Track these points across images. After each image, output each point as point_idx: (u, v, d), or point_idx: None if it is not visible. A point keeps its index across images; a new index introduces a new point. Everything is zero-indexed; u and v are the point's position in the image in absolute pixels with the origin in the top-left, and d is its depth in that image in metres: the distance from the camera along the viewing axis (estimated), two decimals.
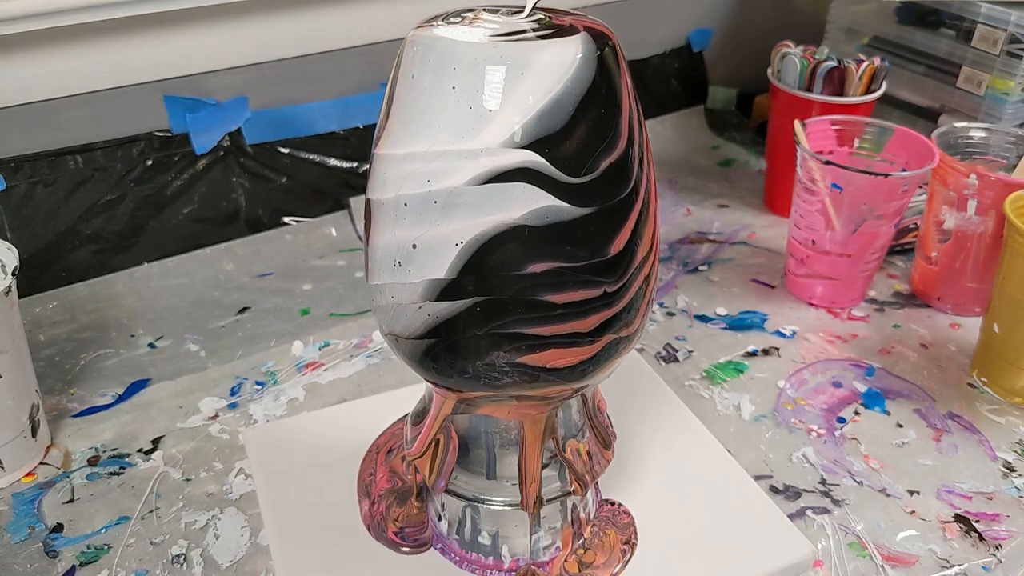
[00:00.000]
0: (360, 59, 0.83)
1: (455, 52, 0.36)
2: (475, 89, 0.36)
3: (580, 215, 0.37)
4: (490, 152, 0.36)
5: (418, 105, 0.37)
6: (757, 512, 0.52)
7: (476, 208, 0.36)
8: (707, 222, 0.87)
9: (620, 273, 0.39)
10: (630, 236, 0.39)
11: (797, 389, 0.64)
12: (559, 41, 0.36)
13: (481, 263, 0.37)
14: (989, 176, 0.66)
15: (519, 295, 0.38)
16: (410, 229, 0.38)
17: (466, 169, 0.36)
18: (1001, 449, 0.59)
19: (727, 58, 1.09)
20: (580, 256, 0.38)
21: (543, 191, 0.36)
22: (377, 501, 0.52)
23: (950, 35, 0.86)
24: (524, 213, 0.36)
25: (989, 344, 0.63)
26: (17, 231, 0.71)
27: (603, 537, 0.50)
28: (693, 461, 0.56)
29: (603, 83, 0.37)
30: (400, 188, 0.38)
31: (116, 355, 0.67)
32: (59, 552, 0.50)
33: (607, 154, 0.37)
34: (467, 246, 0.37)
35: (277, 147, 0.81)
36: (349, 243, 0.83)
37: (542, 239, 0.37)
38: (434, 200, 0.37)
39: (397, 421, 0.58)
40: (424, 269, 0.38)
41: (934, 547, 0.52)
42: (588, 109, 0.36)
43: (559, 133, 0.36)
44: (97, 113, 0.73)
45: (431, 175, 0.37)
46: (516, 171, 0.36)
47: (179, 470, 0.56)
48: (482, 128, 0.36)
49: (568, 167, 0.36)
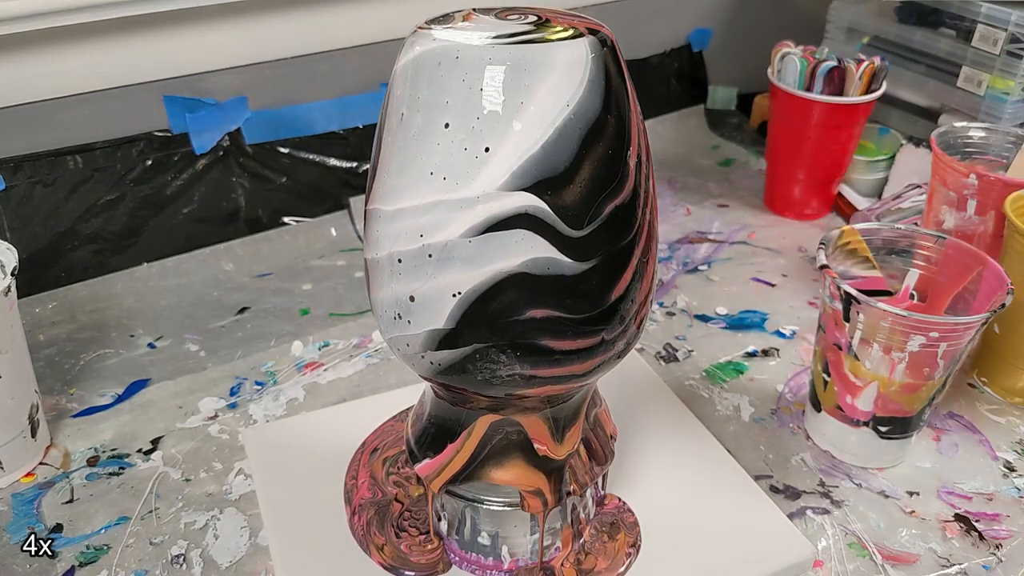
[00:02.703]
0: (360, 59, 0.83)
1: (447, 85, 0.34)
2: (470, 126, 0.34)
3: (582, 270, 0.36)
4: (487, 199, 0.34)
5: (408, 151, 0.35)
6: (757, 512, 0.52)
7: (473, 260, 0.35)
8: (707, 222, 0.87)
9: (620, 318, 0.39)
10: (631, 279, 0.38)
11: (796, 393, 0.64)
12: (562, 64, 0.34)
13: (480, 311, 0.36)
14: (989, 176, 0.65)
15: (518, 339, 0.37)
16: (407, 283, 0.37)
17: (462, 220, 0.35)
18: (1001, 449, 0.59)
19: (727, 58, 1.09)
20: (580, 308, 0.37)
21: (544, 239, 0.35)
22: (358, 512, 0.51)
23: (950, 35, 0.86)
24: (524, 261, 0.35)
25: (989, 344, 0.63)
26: (17, 231, 0.71)
27: (606, 542, 0.49)
28: (693, 461, 0.56)
29: (610, 110, 0.35)
30: (393, 245, 0.37)
31: (116, 355, 0.67)
32: (58, 552, 0.50)
33: (612, 198, 0.36)
34: (465, 297, 0.36)
35: (277, 147, 0.81)
36: (349, 243, 0.83)
37: (542, 287, 0.36)
38: (429, 254, 0.36)
39: (388, 420, 0.58)
40: (423, 320, 0.38)
41: (934, 546, 0.52)
42: (594, 145, 0.35)
43: (562, 176, 0.34)
44: (97, 113, 0.73)
45: (424, 229, 0.36)
46: (515, 217, 0.34)
47: (179, 470, 0.56)
48: (479, 171, 0.34)
49: (571, 216, 0.35)
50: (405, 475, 0.53)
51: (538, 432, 0.43)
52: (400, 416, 0.58)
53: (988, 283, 0.54)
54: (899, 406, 0.54)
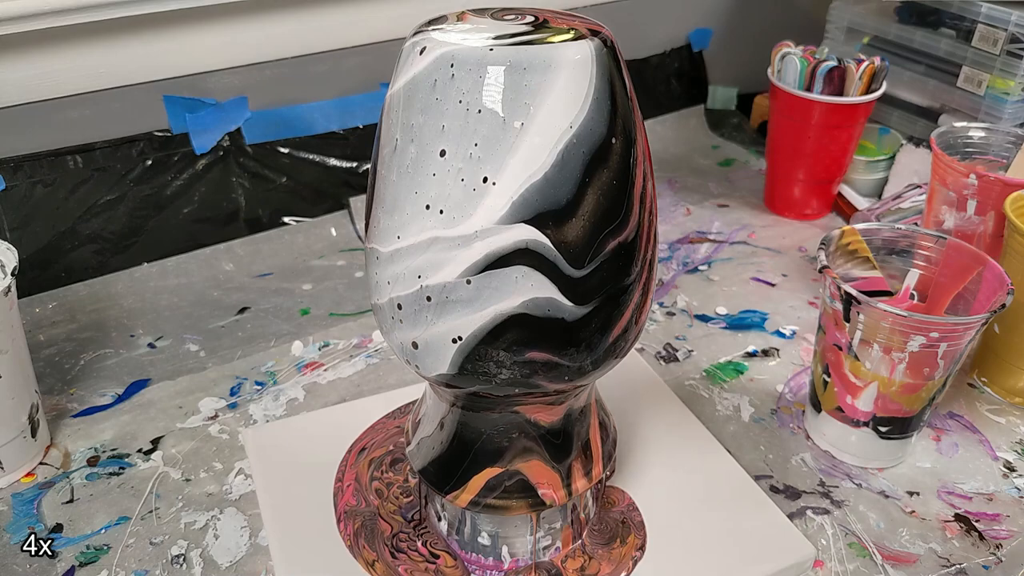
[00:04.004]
0: (360, 59, 0.83)
1: (443, 109, 0.33)
2: (467, 152, 0.32)
3: (581, 315, 0.36)
4: (485, 234, 0.33)
5: (402, 185, 0.34)
6: (757, 512, 0.52)
7: (472, 302, 0.35)
8: (707, 222, 0.87)
9: (616, 355, 0.39)
10: (629, 318, 0.38)
11: (796, 394, 0.64)
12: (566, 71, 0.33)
13: (480, 355, 0.36)
14: (988, 176, 0.65)
15: (516, 378, 0.38)
16: (409, 330, 0.37)
17: (460, 259, 0.34)
18: (1001, 449, 0.59)
19: (727, 58, 1.09)
20: (578, 355, 0.37)
21: (544, 277, 0.34)
22: (343, 519, 0.50)
23: (950, 35, 0.86)
24: (524, 301, 0.34)
25: (989, 344, 0.63)
26: (17, 231, 0.71)
27: (612, 547, 0.49)
28: (693, 461, 0.56)
29: (615, 130, 0.34)
30: (393, 290, 0.37)
31: (116, 355, 0.67)
32: (58, 552, 0.50)
33: (616, 235, 0.35)
34: (466, 343, 0.36)
35: (277, 147, 0.81)
36: (349, 243, 0.83)
37: (541, 330, 0.35)
38: (427, 297, 0.35)
39: (380, 418, 0.58)
40: (429, 366, 0.38)
41: (934, 546, 0.52)
42: (599, 171, 0.33)
43: (565, 208, 0.33)
44: (97, 113, 0.73)
45: (422, 270, 0.35)
46: (515, 253, 0.33)
47: (179, 470, 0.56)
48: (477, 203, 0.33)
49: (572, 253, 0.34)
50: (387, 481, 0.52)
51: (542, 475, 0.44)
52: (393, 414, 0.58)
53: (988, 283, 0.54)
54: (899, 406, 0.54)
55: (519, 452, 0.43)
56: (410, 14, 0.82)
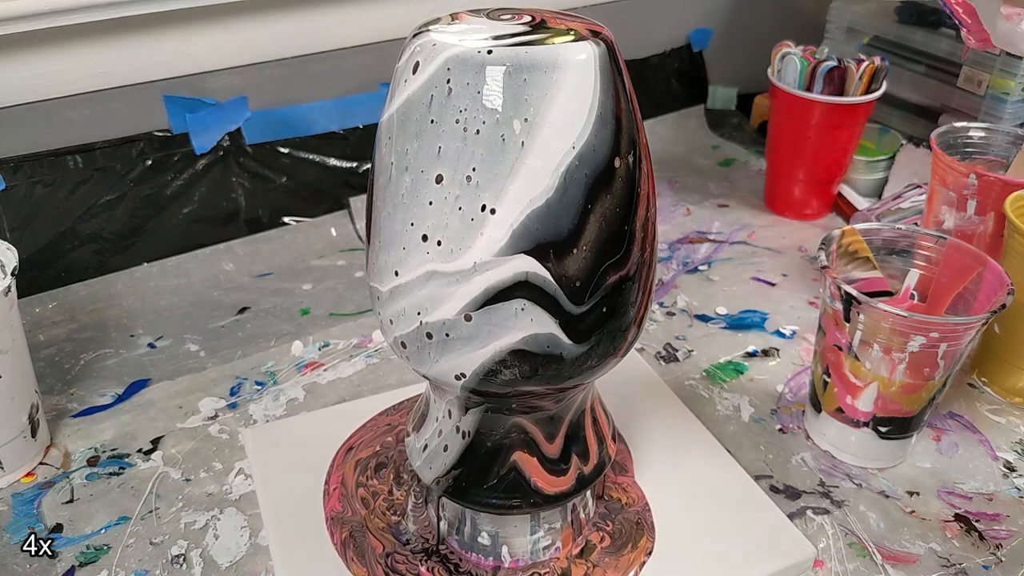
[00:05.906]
0: (360, 59, 0.83)
1: (439, 132, 0.32)
2: (465, 177, 0.32)
3: (580, 352, 0.36)
4: (484, 267, 0.33)
5: (398, 218, 0.34)
6: (757, 512, 0.52)
7: (472, 339, 0.35)
8: (707, 222, 0.87)
9: (616, 355, 0.39)
10: (624, 351, 0.39)
11: (796, 393, 0.64)
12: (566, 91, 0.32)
13: (483, 388, 0.37)
14: (988, 176, 0.65)
15: (517, 405, 0.39)
16: (416, 366, 0.38)
17: (459, 295, 0.33)
18: (1001, 449, 0.59)
19: (727, 58, 1.09)
20: (575, 389, 0.38)
21: (545, 312, 0.34)
22: (331, 525, 0.50)
23: (950, 35, 0.86)
24: (524, 336, 0.34)
25: (989, 344, 0.63)
26: (17, 231, 0.71)
27: (621, 554, 0.48)
28: (693, 461, 0.56)
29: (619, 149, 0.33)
30: (396, 329, 0.37)
31: (116, 355, 0.67)
32: (58, 552, 0.50)
33: (617, 269, 0.34)
34: (469, 380, 0.36)
35: (277, 147, 0.81)
36: (349, 243, 0.83)
37: (540, 367, 0.36)
38: (428, 334, 0.35)
39: (372, 416, 0.58)
40: (442, 395, 0.40)
41: (934, 546, 0.52)
42: (601, 197, 0.32)
43: (566, 240, 0.32)
44: (97, 113, 0.73)
45: (421, 306, 0.35)
46: (515, 286, 0.33)
47: (179, 470, 0.56)
48: (475, 234, 0.32)
49: (572, 289, 0.33)
50: (372, 490, 0.52)
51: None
52: (387, 411, 0.58)
53: (988, 283, 0.54)
54: (899, 406, 0.54)
55: (518, 451, 0.43)
56: (410, 14, 0.81)
